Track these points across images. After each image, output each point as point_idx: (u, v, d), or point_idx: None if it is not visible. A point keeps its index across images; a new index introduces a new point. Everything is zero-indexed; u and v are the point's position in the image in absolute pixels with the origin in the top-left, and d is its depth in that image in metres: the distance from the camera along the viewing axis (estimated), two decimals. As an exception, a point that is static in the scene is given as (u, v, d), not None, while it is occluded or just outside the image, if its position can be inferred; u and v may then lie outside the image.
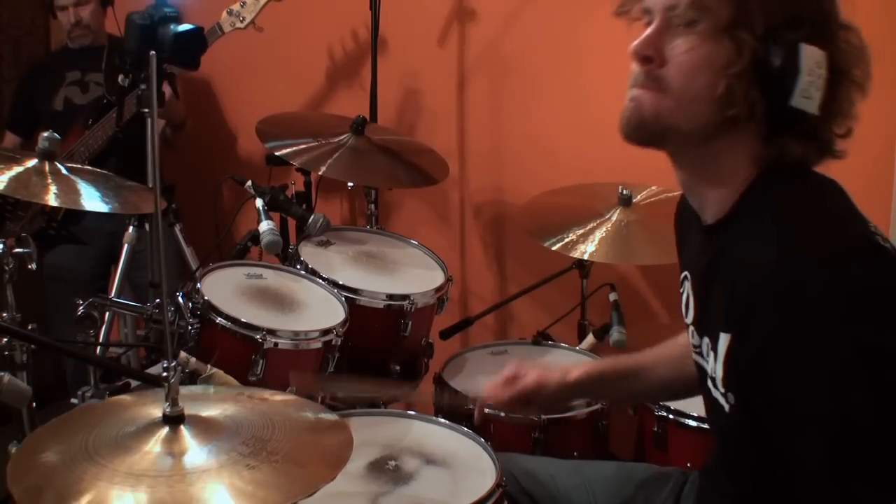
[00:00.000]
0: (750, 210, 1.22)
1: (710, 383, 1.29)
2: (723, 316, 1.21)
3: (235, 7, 2.77)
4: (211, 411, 1.27)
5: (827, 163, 1.24)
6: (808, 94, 1.14)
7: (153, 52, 1.14)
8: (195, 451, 1.16)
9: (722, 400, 1.26)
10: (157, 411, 1.21)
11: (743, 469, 1.30)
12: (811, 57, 1.14)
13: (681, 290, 1.42)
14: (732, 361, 1.21)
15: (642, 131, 1.26)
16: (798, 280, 1.09)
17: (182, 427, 1.19)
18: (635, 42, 1.23)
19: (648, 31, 1.23)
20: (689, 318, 1.37)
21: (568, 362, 1.65)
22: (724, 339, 1.21)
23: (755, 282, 1.14)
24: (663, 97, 1.21)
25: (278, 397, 1.38)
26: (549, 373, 1.67)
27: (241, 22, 2.76)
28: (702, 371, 1.32)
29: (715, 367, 1.25)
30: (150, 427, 1.20)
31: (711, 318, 1.27)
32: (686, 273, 1.40)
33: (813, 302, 1.08)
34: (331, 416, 1.34)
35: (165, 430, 1.19)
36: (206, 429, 1.20)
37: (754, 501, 1.30)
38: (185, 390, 1.29)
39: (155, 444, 1.16)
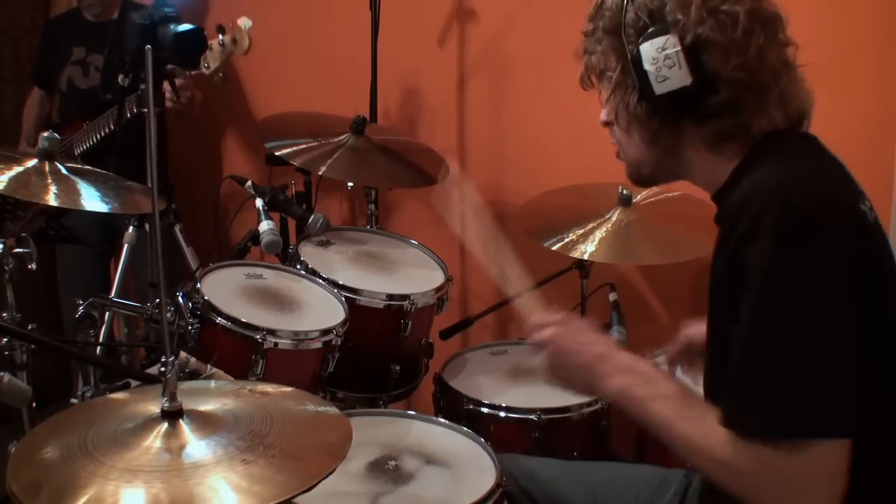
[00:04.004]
0: (741, 174, 1.32)
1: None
2: None
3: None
4: (210, 406, 1.27)
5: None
6: (663, 77, 1.28)
7: (149, 48, 1.14)
8: (193, 447, 1.16)
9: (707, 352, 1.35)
10: (156, 407, 1.21)
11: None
12: (648, 50, 1.28)
13: None
14: (709, 301, 1.30)
15: (639, 184, 1.53)
16: (754, 213, 1.19)
17: (180, 422, 1.19)
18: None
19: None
20: None
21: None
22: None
23: (726, 220, 1.27)
24: (624, 158, 1.46)
25: (279, 391, 1.38)
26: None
27: (206, 69, 2.73)
28: None
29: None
30: (149, 423, 1.20)
31: None
32: None
33: (744, 227, 1.19)
34: (331, 411, 1.34)
35: (164, 425, 1.19)
36: (204, 424, 1.20)
37: None
38: (185, 385, 1.30)
39: (153, 440, 1.16)
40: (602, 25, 1.36)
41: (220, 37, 2.68)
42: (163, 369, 1.18)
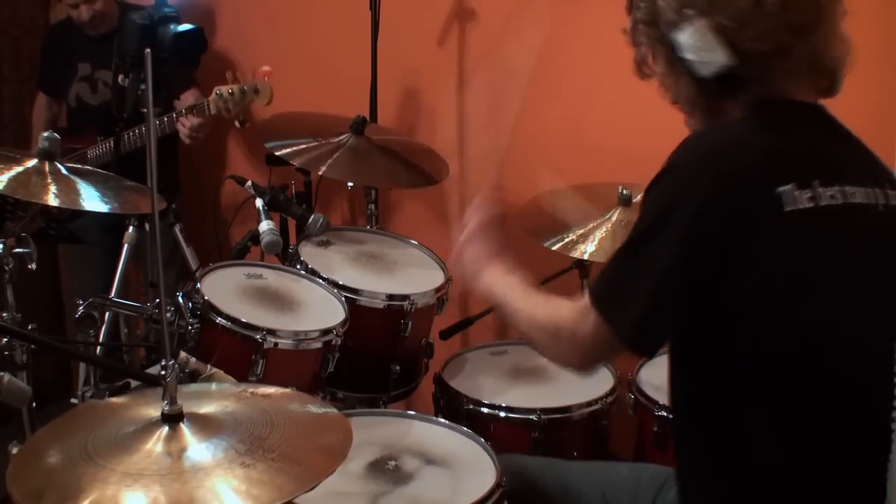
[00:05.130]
0: None
1: None
2: None
3: (225, 93, 2.74)
4: (211, 409, 1.27)
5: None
6: (702, 61, 1.31)
7: (148, 51, 1.14)
8: (193, 450, 1.16)
9: None
10: (156, 411, 1.21)
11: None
12: (684, 39, 1.31)
13: None
14: None
15: None
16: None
17: (181, 426, 1.19)
18: None
19: None
20: None
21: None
22: None
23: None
24: None
25: (280, 393, 1.38)
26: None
27: (227, 112, 2.76)
28: None
29: None
30: (149, 426, 1.19)
31: None
32: None
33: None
34: (332, 413, 1.34)
35: (164, 429, 1.19)
36: (204, 427, 1.20)
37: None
38: (186, 388, 1.29)
39: (153, 444, 1.16)
40: (639, 17, 1.38)
41: (241, 83, 2.74)
42: (163, 372, 1.18)
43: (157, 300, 2.11)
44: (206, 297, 2.00)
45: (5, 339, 1.83)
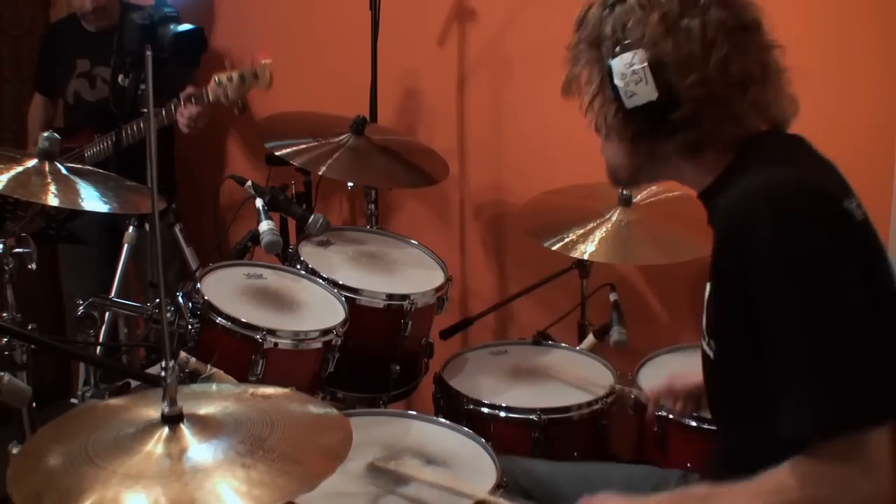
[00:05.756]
0: (728, 179, 1.33)
1: (701, 338, 1.37)
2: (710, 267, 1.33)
3: (223, 79, 2.72)
4: (211, 410, 1.26)
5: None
6: (631, 92, 1.30)
7: (149, 51, 1.14)
8: (193, 451, 1.16)
9: (707, 349, 1.35)
10: (156, 412, 1.21)
11: (729, 420, 1.39)
12: (618, 65, 1.30)
13: None
14: (711, 305, 1.32)
15: (617, 186, 1.69)
16: (744, 217, 1.21)
17: (181, 427, 1.19)
18: None
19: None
20: None
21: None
22: (707, 289, 1.33)
23: (718, 227, 1.29)
24: (605, 162, 1.47)
25: (280, 394, 1.38)
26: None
27: (226, 99, 2.74)
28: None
29: (702, 317, 1.35)
30: (150, 427, 1.19)
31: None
32: None
33: (755, 235, 1.19)
34: (332, 413, 1.34)
35: (164, 430, 1.18)
36: (204, 428, 1.20)
37: (741, 456, 1.33)
38: (186, 389, 1.29)
39: (153, 445, 1.16)
40: (584, 37, 1.38)
41: (240, 69, 2.70)
42: (163, 373, 1.18)
43: (157, 300, 2.11)
44: (206, 297, 2.00)
45: (5, 339, 1.83)
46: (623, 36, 1.30)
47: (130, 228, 2.71)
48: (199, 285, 2.03)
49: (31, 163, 2.02)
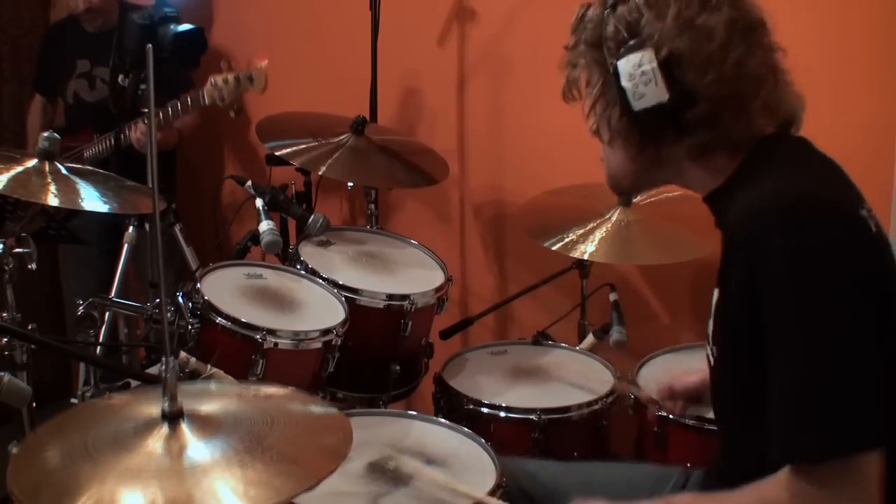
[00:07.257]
0: (737, 183, 1.31)
1: (707, 343, 1.37)
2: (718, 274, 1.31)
3: (219, 81, 2.70)
4: (211, 407, 1.26)
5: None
6: (640, 94, 1.26)
7: (150, 47, 1.13)
8: (193, 449, 1.16)
9: (710, 355, 1.34)
10: (156, 409, 1.21)
11: (730, 421, 1.37)
12: (625, 66, 1.26)
13: None
14: (719, 314, 1.30)
15: (618, 193, 1.65)
16: (756, 227, 1.19)
17: (181, 424, 1.19)
18: None
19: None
20: None
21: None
22: (715, 295, 1.31)
23: (729, 236, 1.27)
24: (605, 168, 1.44)
25: (281, 393, 1.38)
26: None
27: (221, 102, 2.72)
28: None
29: (708, 323, 1.34)
30: (149, 425, 1.19)
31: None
32: None
33: (766, 247, 1.17)
34: (332, 413, 1.34)
35: (164, 427, 1.18)
36: (204, 426, 1.20)
37: (742, 456, 1.33)
38: (187, 387, 1.29)
39: (154, 442, 1.16)
40: (584, 38, 1.34)
41: (236, 72, 2.69)
42: (163, 371, 1.18)
43: (157, 300, 2.11)
44: (206, 297, 2.00)
45: (5, 339, 1.83)
46: (628, 36, 1.27)
47: (130, 228, 2.71)
48: (199, 285, 2.03)
49: (31, 163, 2.02)
